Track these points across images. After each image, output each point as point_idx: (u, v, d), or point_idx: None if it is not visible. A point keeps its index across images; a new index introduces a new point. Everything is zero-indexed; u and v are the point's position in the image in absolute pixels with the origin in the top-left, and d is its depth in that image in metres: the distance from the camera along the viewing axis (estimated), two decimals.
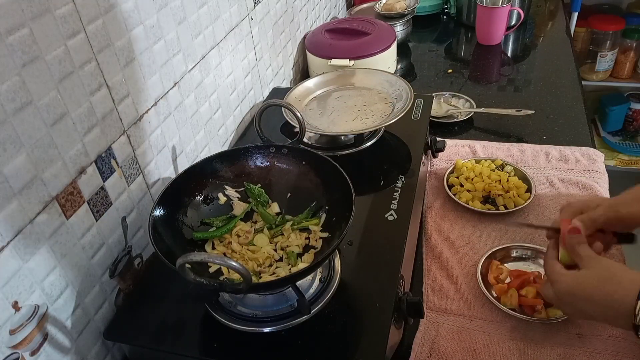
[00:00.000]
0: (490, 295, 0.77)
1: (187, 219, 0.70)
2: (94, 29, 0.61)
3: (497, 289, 0.78)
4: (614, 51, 2.20)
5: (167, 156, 0.80)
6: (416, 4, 1.52)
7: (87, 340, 0.66)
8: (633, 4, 2.24)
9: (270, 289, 0.64)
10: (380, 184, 0.84)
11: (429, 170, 1.03)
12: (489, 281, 0.80)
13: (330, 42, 1.26)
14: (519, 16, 1.49)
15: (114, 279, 0.70)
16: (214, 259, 0.53)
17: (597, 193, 0.93)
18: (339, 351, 0.61)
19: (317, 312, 0.64)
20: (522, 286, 0.76)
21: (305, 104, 1.02)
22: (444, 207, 0.95)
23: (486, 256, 0.82)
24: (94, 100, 0.63)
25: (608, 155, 2.35)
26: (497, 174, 0.96)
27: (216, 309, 0.65)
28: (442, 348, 0.72)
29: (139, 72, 0.71)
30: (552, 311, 0.73)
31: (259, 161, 0.76)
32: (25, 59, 0.52)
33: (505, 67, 1.44)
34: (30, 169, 0.54)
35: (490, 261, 0.82)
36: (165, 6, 0.75)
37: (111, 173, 0.68)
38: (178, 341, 0.64)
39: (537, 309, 0.74)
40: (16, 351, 0.55)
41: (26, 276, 0.56)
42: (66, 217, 0.60)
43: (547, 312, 0.74)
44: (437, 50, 1.55)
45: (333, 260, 0.70)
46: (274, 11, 1.16)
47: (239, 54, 1.01)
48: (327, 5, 1.58)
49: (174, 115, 0.81)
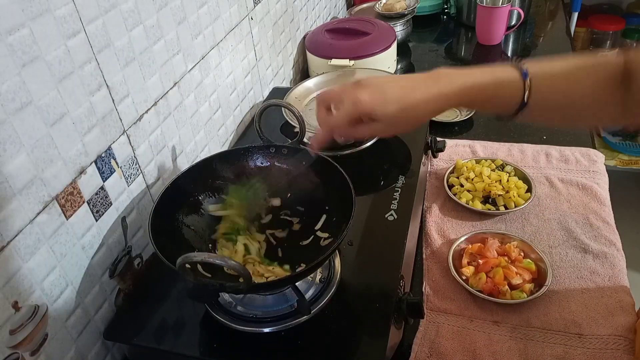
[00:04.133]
0: (460, 278, 0.79)
1: (187, 219, 0.70)
2: (94, 29, 0.61)
3: (464, 271, 0.80)
4: (614, 51, 2.20)
5: (167, 156, 0.80)
6: (416, 4, 1.52)
7: (87, 340, 0.66)
8: (633, 4, 2.24)
9: (270, 289, 0.64)
10: (380, 184, 0.84)
11: (429, 170, 1.03)
12: (461, 264, 0.82)
13: (330, 42, 1.26)
14: (519, 16, 1.49)
15: (113, 279, 0.70)
16: (214, 259, 0.53)
17: (597, 193, 0.93)
18: (339, 352, 0.61)
19: (317, 312, 0.64)
20: (490, 269, 0.79)
21: (305, 104, 1.01)
22: (444, 207, 0.95)
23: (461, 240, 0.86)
24: (93, 100, 0.63)
25: (608, 155, 2.35)
26: (497, 174, 0.96)
27: (216, 309, 0.65)
28: (442, 348, 0.72)
29: (139, 72, 0.71)
30: (516, 293, 0.76)
31: (259, 161, 0.76)
32: (25, 59, 0.52)
33: None
34: (30, 169, 0.54)
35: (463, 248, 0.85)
36: (165, 6, 0.75)
37: (111, 173, 0.67)
38: (178, 341, 0.64)
39: (502, 291, 0.76)
40: (16, 351, 0.55)
41: (26, 276, 0.56)
42: (66, 217, 0.60)
43: (512, 294, 0.76)
44: (437, 50, 1.54)
45: (333, 260, 0.70)
46: (274, 11, 1.16)
47: (238, 54, 1.01)
48: (327, 5, 1.58)
49: (173, 115, 0.81)
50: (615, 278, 0.78)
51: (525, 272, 0.78)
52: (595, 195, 0.93)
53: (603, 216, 0.89)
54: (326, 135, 0.62)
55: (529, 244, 0.83)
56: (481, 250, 0.83)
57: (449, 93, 0.58)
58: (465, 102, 0.61)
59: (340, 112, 0.59)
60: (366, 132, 0.61)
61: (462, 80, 0.58)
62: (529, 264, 0.80)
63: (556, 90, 0.58)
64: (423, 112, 0.59)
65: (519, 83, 0.57)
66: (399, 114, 0.58)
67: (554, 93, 0.58)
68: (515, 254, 0.81)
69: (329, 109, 0.61)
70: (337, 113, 0.60)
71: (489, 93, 0.59)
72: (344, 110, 0.59)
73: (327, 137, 0.62)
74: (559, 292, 0.78)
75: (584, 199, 0.93)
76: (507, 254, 0.81)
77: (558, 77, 0.59)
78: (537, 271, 0.79)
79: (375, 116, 0.58)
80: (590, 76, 0.58)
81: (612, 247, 0.83)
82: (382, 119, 0.58)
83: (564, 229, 0.88)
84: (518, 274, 0.78)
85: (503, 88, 0.58)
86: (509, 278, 0.77)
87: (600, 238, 0.85)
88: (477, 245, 0.84)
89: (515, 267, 0.79)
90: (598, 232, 0.86)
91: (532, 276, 0.79)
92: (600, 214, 0.89)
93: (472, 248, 0.84)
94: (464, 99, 0.59)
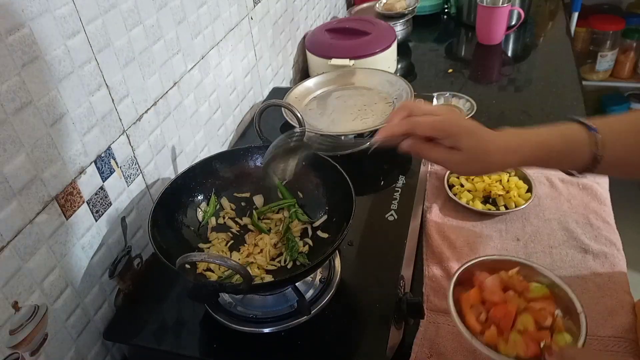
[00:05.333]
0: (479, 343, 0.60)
1: (187, 219, 0.70)
2: (93, 28, 0.61)
3: (488, 336, 0.61)
4: (614, 51, 2.20)
5: (166, 156, 0.80)
6: (416, 4, 1.52)
7: (87, 340, 0.66)
8: (633, 4, 2.23)
9: (270, 289, 0.64)
10: (380, 184, 0.84)
11: (429, 170, 1.03)
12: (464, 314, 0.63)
13: (330, 41, 1.26)
14: (519, 16, 1.49)
15: (113, 279, 0.70)
16: (214, 259, 0.53)
17: (597, 194, 0.93)
18: (339, 352, 0.60)
19: (317, 312, 0.64)
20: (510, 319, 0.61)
21: (305, 104, 1.01)
22: (445, 207, 0.95)
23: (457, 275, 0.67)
24: (93, 100, 0.63)
25: None
26: (498, 174, 0.96)
27: (216, 310, 0.65)
28: (442, 348, 0.72)
29: (139, 72, 0.71)
30: (560, 337, 0.60)
31: (258, 161, 0.76)
32: (25, 59, 0.52)
33: (506, 67, 1.44)
34: (30, 169, 0.54)
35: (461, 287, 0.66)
36: (164, 6, 0.75)
37: (111, 173, 0.67)
38: (178, 341, 0.64)
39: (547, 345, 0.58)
40: (16, 351, 0.55)
41: (26, 276, 0.55)
42: (66, 217, 0.60)
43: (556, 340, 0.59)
44: (437, 50, 1.54)
45: (333, 260, 0.70)
46: (274, 11, 1.16)
47: (238, 54, 1.01)
48: (327, 5, 1.58)
49: (173, 115, 0.81)
50: (615, 278, 0.78)
51: (546, 303, 0.63)
52: (595, 195, 0.93)
53: (603, 216, 0.89)
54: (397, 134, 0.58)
55: (526, 263, 0.68)
56: (480, 295, 0.65)
57: (524, 150, 0.59)
58: (538, 161, 0.60)
59: (430, 119, 0.58)
60: (440, 155, 0.58)
61: (534, 139, 0.59)
62: (541, 290, 0.65)
63: (626, 144, 0.59)
64: (498, 161, 0.59)
65: (589, 140, 0.57)
66: (482, 154, 0.58)
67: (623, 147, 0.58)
68: (517, 281, 0.65)
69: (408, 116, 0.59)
70: (427, 119, 0.58)
71: (563, 153, 0.59)
72: (437, 120, 0.57)
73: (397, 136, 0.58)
74: None
75: (584, 199, 0.93)
76: (511, 287, 0.65)
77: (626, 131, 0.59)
78: (550, 293, 0.65)
79: (461, 145, 0.56)
80: None
81: (612, 247, 0.83)
82: (466, 150, 0.57)
83: (564, 229, 0.87)
84: (543, 310, 0.61)
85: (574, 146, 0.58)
86: (540, 322, 0.61)
87: (601, 238, 0.85)
88: (473, 290, 0.65)
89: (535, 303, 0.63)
90: (598, 232, 0.86)
91: (553, 304, 0.63)
92: (600, 214, 0.89)
93: (470, 298, 0.64)
94: (537, 158, 0.59)
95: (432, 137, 0.58)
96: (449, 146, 0.57)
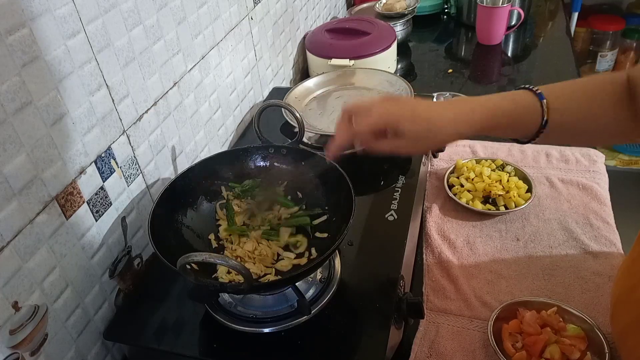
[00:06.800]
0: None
1: (187, 219, 0.70)
2: (93, 28, 0.61)
3: (517, 357, 0.68)
4: (614, 51, 2.20)
5: (166, 156, 0.80)
6: (416, 4, 1.52)
7: (87, 340, 0.66)
8: (633, 4, 2.23)
9: (270, 289, 0.64)
10: (380, 184, 0.84)
11: (429, 170, 1.03)
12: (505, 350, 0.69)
13: (330, 41, 1.26)
14: (519, 16, 1.49)
15: (113, 279, 0.70)
16: (214, 259, 0.53)
17: (597, 194, 0.93)
18: (339, 352, 0.60)
19: (317, 312, 0.64)
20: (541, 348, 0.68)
21: (305, 104, 1.01)
22: (444, 207, 0.95)
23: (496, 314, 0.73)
24: (93, 100, 0.63)
25: (608, 155, 2.35)
26: (498, 174, 0.96)
27: (216, 310, 0.65)
28: (442, 348, 0.72)
29: (139, 72, 0.71)
30: None
31: (258, 161, 0.76)
32: (25, 59, 0.52)
33: (506, 67, 1.44)
34: (30, 169, 0.54)
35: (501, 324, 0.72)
36: (164, 6, 0.75)
37: (111, 173, 0.67)
38: (178, 341, 0.64)
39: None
40: (16, 351, 0.55)
41: (26, 276, 0.55)
42: (66, 217, 0.60)
43: None
44: (437, 50, 1.54)
45: (333, 260, 0.70)
46: (274, 11, 1.16)
47: (238, 54, 1.01)
48: (327, 5, 1.58)
49: (173, 115, 0.81)
50: (615, 278, 0.78)
51: (578, 341, 0.68)
52: (595, 195, 0.93)
53: (603, 216, 0.89)
54: (344, 143, 0.62)
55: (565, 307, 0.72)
56: (519, 326, 0.71)
57: (474, 116, 0.59)
58: (489, 126, 0.61)
59: (366, 119, 0.59)
60: (388, 146, 0.61)
61: (485, 104, 0.60)
62: (576, 330, 0.70)
63: (571, 109, 0.60)
64: (448, 133, 0.60)
65: (536, 105, 0.59)
66: (426, 133, 0.59)
67: (569, 112, 0.60)
68: (556, 321, 0.71)
69: (351, 120, 0.61)
70: (363, 120, 0.60)
71: (512, 117, 0.60)
72: (372, 119, 0.59)
73: (345, 144, 0.62)
74: (559, 293, 0.78)
75: (584, 199, 0.93)
76: (549, 325, 0.71)
77: (570, 97, 0.60)
78: (584, 336, 0.70)
79: (402, 131, 0.58)
80: (600, 94, 0.60)
81: (612, 247, 0.83)
82: (408, 134, 0.58)
83: (564, 229, 0.88)
84: (573, 346, 0.68)
85: (523, 111, 0.60)
86: (568, 354, 0.67)
87: (601, 238, 0.85)
88: (513, 321, 0.72)
89: (567, 339, 0.69)
90: (598, 232, 0.86)
91: (585, 343, 0.69)
92: (600, 214, 0.89)
93: (510, 327, 0.72)
94: (488, 123, 0.60)
95: None
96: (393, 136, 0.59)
